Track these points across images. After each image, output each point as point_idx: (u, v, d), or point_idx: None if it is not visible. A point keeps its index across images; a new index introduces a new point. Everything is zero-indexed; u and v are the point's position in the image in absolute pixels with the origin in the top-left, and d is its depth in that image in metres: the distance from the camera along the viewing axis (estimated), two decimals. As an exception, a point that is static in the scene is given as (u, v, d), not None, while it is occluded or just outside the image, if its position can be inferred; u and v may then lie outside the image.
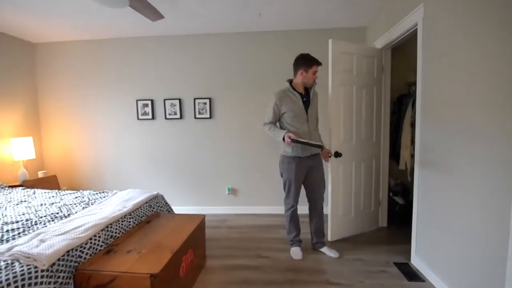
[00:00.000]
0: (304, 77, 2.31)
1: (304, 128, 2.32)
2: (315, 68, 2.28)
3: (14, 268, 1.26)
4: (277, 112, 2.35)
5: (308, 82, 2.33)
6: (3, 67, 3.29)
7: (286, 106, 2.31)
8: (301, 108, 2.32)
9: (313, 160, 2.40)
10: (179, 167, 3.68)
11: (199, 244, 2.19)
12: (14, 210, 2.14)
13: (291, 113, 2.31)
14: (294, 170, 2.34)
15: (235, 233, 2.95)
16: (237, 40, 3.45)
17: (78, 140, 3.77)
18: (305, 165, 2.37)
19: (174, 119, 3.60)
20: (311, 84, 2.35)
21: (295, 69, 2.36)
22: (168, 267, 1.57)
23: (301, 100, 2.33)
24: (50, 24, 3.05)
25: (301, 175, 2.39)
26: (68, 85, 3.70)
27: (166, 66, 3.56)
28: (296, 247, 2.46)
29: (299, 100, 2.33)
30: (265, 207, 3.59)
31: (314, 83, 2.36)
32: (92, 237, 1.69)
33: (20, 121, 3.52)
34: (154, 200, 2.50)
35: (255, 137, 3.52)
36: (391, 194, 3.14)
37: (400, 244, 2.60)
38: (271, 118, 2.37)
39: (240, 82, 3.49)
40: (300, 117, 2.31)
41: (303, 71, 2.30)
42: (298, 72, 2.33)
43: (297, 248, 2.45)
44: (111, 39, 3.58)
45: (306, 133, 2.31)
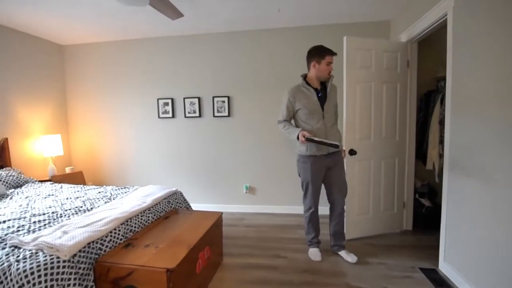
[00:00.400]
0: (317, 70, 2.15)
1: (320, 125, 2.16)
2: (328, 58, 2.11)
3: (38, 257, 1.31)
4: (290, 109, 2.25)
5: (322, 75, 2.16)
6: (33, 68, 3.47)
7: (300, 102, 2.17)
8: (316, 104, 2.16)
9: (332, 159, 2.23)
10: (198, 164, 3.71)
11: (216, 241, 2.19)
12: (42, 203, 2.24)
13: (305, 110, 2.17)
14: (310, 170, 2.22)
15: (252, 232, 2.92)
16: (256, 38, 3.43)
17: (102, 138, 3.91)
18: (323, 164, 2.22)
19: (193, 117, 3.64)
20: (325, 77, 2.18)
21: (308, 62, 2.21)
22: (184, 263, 1.56)
23: (316, 95, 2.17)
24: (76, 26, 3.18)
25: (319, 175, 2.25)
26: (94, 85, 3.85)
27: (185, 65, 3.61)
28: (315, 248, 2.38)
29: (313, 95, 2.17)
30: (283, 206, 3.53)
31: (330, 76, 2.19)
32: (112, 231, 1.72)
33: (50, 119, 3.70)
34: (172, 197, 2.53)
35: (274, 135, 3.48)
36: (417, 196, 2.98)
37: (426, 248, 2.45)
38: (285, 115, 2.28)
39: (259, 80, 3.47)
40: (315, 113, 2.16)
41: (315, 62, 2.14)
42: (311, 65, 2.18)
43: (315, 249, 2.37)
44: (133, 40, 3.68)
45: (321, 130, 2.16)
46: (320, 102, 2.17)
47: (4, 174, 2.76)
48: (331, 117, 2.23)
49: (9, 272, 1.23)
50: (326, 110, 2.18)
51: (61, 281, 1.28)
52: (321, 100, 2.18)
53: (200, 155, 3.69)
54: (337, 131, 2.27)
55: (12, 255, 1.32)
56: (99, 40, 3.70)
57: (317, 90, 2.20)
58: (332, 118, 2.24)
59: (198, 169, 3.72)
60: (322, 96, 2.20)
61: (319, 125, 2.16)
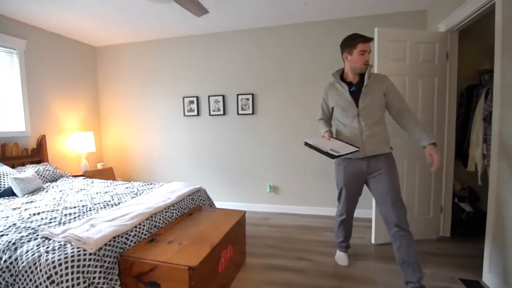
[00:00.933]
0: (350, 62, 1.87)
1: (354, 124, 1.89)
2: (361, 46, 1.80)
3: (66, 249, 1.34)
4: (324, 107, 2.09)
5: (356, 66, 1.86)
6: (69, 69, 3.66)
7: (332, 99, 1.99)
8: (348, 100, 1.90)
9: (373, 163, 1.88)
10: (222, 162, 3.71)
11: (239, 240, 2.14)
12: (74, 197, 2.33)
13: (338, 107, 1.97)
14: (343, 174, 2.01)
15: (276, 232, 2.85)
16: (280, 33, 3.34)
17: (131, 136, 4.04)
18: (359, 168, 1.93)
19: (217, 115, 3.64)
20: (361, 67, 1.85)
21: (342, 55, 1.95)
22: (207, 261, 1.53)
23: (348, 90, 1.91)
24: (106, 27, 3.30)
25: (354, 180, 1.99)
26: (123, 84, 3.99)
27: (210, 63, 3.62)
28: (342, 253, 2.25)
29: (345, 91, 1.92)
30: (308, 207, 3.42)
31: (367, 66, 1.85)
32: (137, 226, 1.73)
33: (83, 117, 3.89)
34: (196, 194, 2.53)
35: (299, 133, 3.37)
36: (456, 200, 2.74)
37: (467, 257, 2.23)
38: (321, 114, 2.14)
39: (283, 77, 3.38)
40: (348, 111, 1.91)
41: (346, 54, 1.89)
42: (343, 57, 1.94)
43: (342, 254, 2.24)
44: (160, 39, 3.75)
45: (355, 130, 1.89)
46: (353, 98, 1.89)
47: (41, 169, 2.93)
48: (372, 115, 1.87)
49: (39, 262, 1.27)
50: (363, 107, 1.86)
51: (87, 274, 1.30)
52: (355, 95, 1.90)
53: (224, 153, 3.68)
54: (381, 131, 1.90)
55: (42, 246, 1.37)
56: (128, 41, 3.82)
57: (350, 84, 1.94)
58: (374, 116, 1.88)
59: (222, 167, 3.71)
60: (356, 90, 1.90)
61: (354, 124, 1.90)
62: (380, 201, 1.88)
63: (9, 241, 1.42)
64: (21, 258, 1.31)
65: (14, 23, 2.98)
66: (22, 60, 3.04)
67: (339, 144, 1.86)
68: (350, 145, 1.82)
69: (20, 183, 2.42)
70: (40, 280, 1.23)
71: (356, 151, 1.78)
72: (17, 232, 1.53)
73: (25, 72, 3.08)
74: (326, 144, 1.85)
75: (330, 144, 1.86)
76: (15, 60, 2.99)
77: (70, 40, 3.66)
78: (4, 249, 1.37)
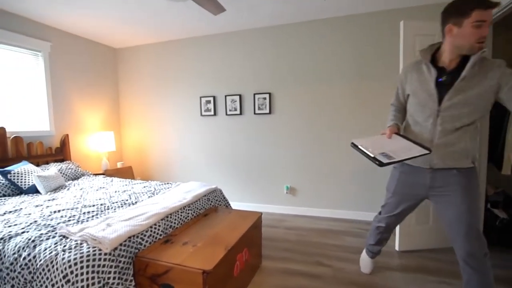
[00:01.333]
0: (455, 37, 1.32)
1: (427, 125, 1.46)
2: (478, 14, 1.23)
3: (82, 248, 1.34)
4: (399, 92, 1.67)
5: (464, 44, 1.30)
6: (90, 71, 3.76)
7: (411, 85, 1.53)
8: (430, 93, 1.43)
9: (439, 178, 1.47)
10: (238, 162, 3.67)
11: (255, 243, 2.09)
12: (93, 195, 2.37)
13: (414, 98, 1.52)
14: (396, 180, 1.67)
15: (293, 235, 2.77)
16: (297, 31, 3.26)
17: (150, 135, 4.10)
18: (419, 180, 1.55)
19: (234, 115, 3.61)
20: (471, 47, 1.29)
21: (442, 26, 1.39)
22: (221, 265, 1.49)
23: (435, 79, 1.42)
24: (126, 29, 3.35)
25: (408, 193, 1.64)
26: (143, 85, 4.05)
27: (227, 63, 3.59)
28: (367, 257, 2.04)
29: (431, 79, 1.43)
30: (327, 210, 3.31)
31: (481, 45, 1.28)
32: (153, 226, 1.72)
33: (104, 117, 3.98)
34: (212, 194, 2.50)
35: (317, 133, 3.27)
36: (488, 206, 2.54)
37: (501, 268, 2.05)
38: (394, 99, 1.73)
39: (301, 75, 3.29)
40: (425, 106, 1.45)
41: (452, 25, 1.32)
42: (445, 30, 1.37)
43: (367, 259, 2.04)
44: (178, 40, 3.77)
45: (425, 134, 1.47)
46: (438, 91, 1.41)
47: (64, 167, 3.02)
48: (460, 117, 1.38)
49: (56, 261, 1.27)
50: (448, 106, 1.39)
51: (102, 274, 1.29)
52: (442, 88, 1.40)
53: (241, 153, 3.65)
54: (463, 140, 1.41)
55: (60, 244, 1.38)
56: (147, 42, 3.87)
57: (441, 71, 1.42)
58: (464, 119, 1.38)
59: (238, 167, 3.68)
60: (446, 82, 1.39)
61: (427, 125, 1.46)
62: (449, 228, 1.47)
63: (29, 238, 1.44)
64: (39, 256, 1.32)
65: (40, 26, 3.09)
66: (47, 62, 3.15)
67: (403, 144, 1.43)
68: (419, 146, 1.37)
69: (43, 180, 2.50)
70: (56, 279, 1.24)
71: (424, 154, 1.33)
72: (37, 230, 1.56)
73: (50, 73, 3.18)
74: (380, 144, 1.44)
75: (388, 144, 1.44)
76: (40, 62, 3.10)
77: (92, 42, 3.76)
78: (24, 246, 1.39)
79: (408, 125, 1.61)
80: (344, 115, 3.16)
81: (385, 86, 2.97)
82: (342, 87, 3.13)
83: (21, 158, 2.81)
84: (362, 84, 3.06)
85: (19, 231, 1.54)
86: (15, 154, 2.78)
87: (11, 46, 2.83)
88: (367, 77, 3.03)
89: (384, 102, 2.97)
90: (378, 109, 3.02)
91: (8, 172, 2.44)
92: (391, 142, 1.46)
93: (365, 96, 3.06)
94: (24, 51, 2.94)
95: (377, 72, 2.99)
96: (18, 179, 2.45)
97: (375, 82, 3.01)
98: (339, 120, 3.18)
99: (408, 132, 1.60)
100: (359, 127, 3.10)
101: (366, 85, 3.04)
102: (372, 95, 3.03)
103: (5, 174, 2.43)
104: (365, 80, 3.04)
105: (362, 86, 3.06)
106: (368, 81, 3.03)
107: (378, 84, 3.00)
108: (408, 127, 1.61)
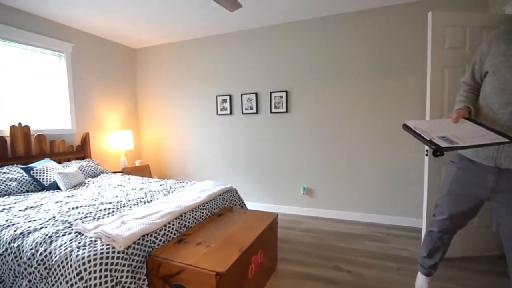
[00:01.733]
0: None
1: (504, 112, 1.19)
2: None
3: (96, 246, 1.33)
4: (476, 69, 1.35)
5: None
6: (110, 71, 3.84)
7: (493, 59, 1.24)
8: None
9: (505, 181, 1.24)
10: (253, 162, 3.62)
11: (271, 245, 2.02)
12: (111, 192, 2.40)
13: (493, 77, 1.24)
14: (453, 177, 1.44)
15: (310, 238, 2.67)
16: (315, 27, 3.16)
17: (167, 134, 4.13)
18: (481, 180, 1.32)
19: (250, 113, 3.56)
20: None
21: None
22: (235, 267, 1.44)
23: None
24: (144, 29, 3.39)
25: (465, 193, 1.40)
26: (160, 84, 4.09)
27: (243, 61, 3.55)
28: (421, 275, 1.70)
29: None
30: (346, 212, 3.18)
31: None
32: (167, 224, 1.70)
33: (123, 116, 4.06)
34: (227, 193, 2.46)
35: (336, 133, 3.16)
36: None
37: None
38: (467, 76, 1.43)
39: (319, 72, 3.19)
40: (506, 90, 1.18)
41: None
42: None
43: (419, 275, 1.71)
44: (194, 39, 3.77)
45: (500, 121, 1.21)
46: None
47: (84, 165, 3.09)
48: None
49: (70, 257, 1.27)
50: None
51: (115, 272, 1.27)
52: None
53: (256, 152, 3.59)
54: None
55: (75, 241, 1.37)
56: (164, 42, 3.90)
57: None
58: None
59: (254, 167, 3.62)
60: None
61: (506, 112, 1.19)
62: (508, 238, 1.25)
63: (46, 234, 1.46)
64: (55, 252, 1.32)
65: (63, 28, 3.18)
66: (69, 63, 3.24)
67: (474, 129, 1.18)
68: (496, 133, 1.12)
69: (64, 177, 2.56)
70: (70, 276, 1.23)
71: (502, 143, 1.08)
72: (54, 225, 1.57)
73: (72, 73, 3.27)
74: (441, 128, 1.21)
75: (452, 128, 1.21)
76: (63, 63, 3.19)
77: (112, 42, 3.84)
78: (41, 242, 1.40)
79: (480, 106, 1.30)
80: (364, 114, 3.02)
81: (410, 84, 2.81)
82: (363, 85, 3.00)
83: (44, 155, 2.89)
84: (384, 82, 2.91)
85: (37, 227, 1.57)
86: (38, 151, 2.87)
87: (36, 47, 2.93)
88: (389, 74, 2.88)
89: (409, 101, 2.82)
90: (402, 109, 2.86)
91: (31, 169, 2.52)
92: (456, 126, 1.22)
93: (387, 94, 2.91)
94: (47, 52, 3.04)
95: (400, 69, 2.84)
96: (40, 175, 2.52)
97: (398, 79, 2.85)
98: (359, 119, 3.05)
99: (477, 116, 1.32)
100: (380, 127, 2.96)
101: (389, 83, 2.89)
102: (395, 94, 2.88)
103: (28, 170, 2.51)
104: (387, 77, 2.89)
105: (384, 84, 2.91)
106: (390, 78, 2.88)
107: (401, 82, 2.84)
108: (480, 108, 1.31)
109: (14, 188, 2.38)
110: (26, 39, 2.81)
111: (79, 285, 1.20)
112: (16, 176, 2.47)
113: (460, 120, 1.25)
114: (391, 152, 2.94)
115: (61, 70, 3.19)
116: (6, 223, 1.64)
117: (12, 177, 2.43)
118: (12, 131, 2.65)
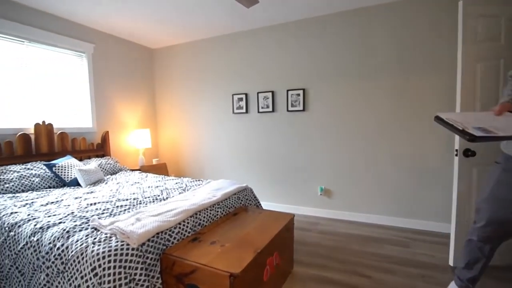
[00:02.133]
0: None
1: None
2: None
3: (111, 242, 1.32)
4: None
5: None
6: (130, 71, 3.91)
7: None
8: None
9: None
10: (270, 161, 3.56)
11: (287, 246, 1.96)
12: (128, 190, 2.42)
13: None
14: (496, 180, 1.33)
15: (328, 240, 2.59)
16: (333, 23, 3.05)
17: (184, 133, 4.16)
18: None
19: (266, 112, 3.51)
20: None
21: None
22: (250, 268, 1.39)
23: None
24: (162, 29, 3.42)
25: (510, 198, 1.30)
26: (177, 83, 4.13)
27: (259, 59, 3.50)
28: (453, 284, 1.60)
29: None
30: (364, 214, 3.06)
31: None
32: (181, 222, 1.68)
33: (141, 115, 4.13)
34: (242, 192, 2.42)
35: (355, 132, 3.04)
36: None
37: None
38: None
39: (337, 69, 3.08)
40: None
41: None
42: None
43: (453, 286, 1.60)
44: (211, 38, 3.77)
45: None
46: None
47: (104, 162, 3.16)
48: None
49: (86, 253, 1.27)
50: None
51: (129, 269, 1.26)
52: None
53: (272, 151, 3.53)
54: None
55: (91, 236, 1.38)
56: (181, 41, 3.93)
57: None
58: None
59: (270, 166, 3.57)
60: None
61: None
62: None
63: (64, 229, 1.47)
64: (71, 247, 1.33)
65: (84, 28, 3.27)
66: (90, 63, 3.32)
67: None
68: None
69: (84, 174, 2.62)
70: (86, 271, 1.23)
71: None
72: (72, 221, 1.60)
73: (93, 73, 3.36)
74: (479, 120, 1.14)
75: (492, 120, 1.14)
76: (84, 63, 3.28)
77: (131, 43, 3.91)
78: (59, 237, 1.42)
79: None
80: (386, 113, 2.89)
81: (435, 81, 2.65)
82: (385, 82, 2.87)
83: (65, 153, 2.98)
84: (407, 80, 2.77)
85: (56, 221, 1.59)
86: (60, 149, 2.96)
87: (59, 48, 3.02)
88: (413, 71, 2.73)
89: (434, 100, 2.66)
90: (426, 106, 2.71)
91: (54, 165, 2.60)
92: (497, 119, 1.14)
93: (411, 92, 2.77)
94: (70, 52, 3.13)
95: (426, 66, 2.68)
96: (62, 172, 2.60)
97: (423, 77, 2.70)
98: (380, 118, 2.92)
99: None
100: (403, 125, 2.82)
101: (413, 81, 2.75)
102: (419, 91, 2.73)
103: (51, 167, 2.58)
104: (411, 75, 2.75)
105: (407, 82, 2.77)
106: (414, 76, 2.73)
107: (426, 80, 2.69)
108: None
109: (37, 183, 2.46)
110: (50, 40, 2.91)
111: (94, 281, 1.20)
112: (39, 172, 2.55)
113: (505, 113, 1.15)
114: (414, 152, 2.79)
115: (83, 70, 3.28)
116: (27, 217, 1.68)
117: (36, 173, 2.52)
118: (36, 129, 2.75)
